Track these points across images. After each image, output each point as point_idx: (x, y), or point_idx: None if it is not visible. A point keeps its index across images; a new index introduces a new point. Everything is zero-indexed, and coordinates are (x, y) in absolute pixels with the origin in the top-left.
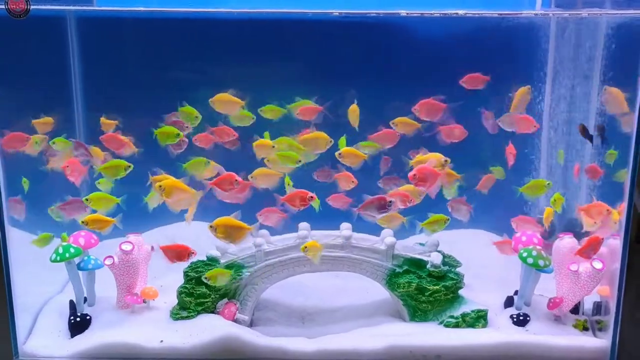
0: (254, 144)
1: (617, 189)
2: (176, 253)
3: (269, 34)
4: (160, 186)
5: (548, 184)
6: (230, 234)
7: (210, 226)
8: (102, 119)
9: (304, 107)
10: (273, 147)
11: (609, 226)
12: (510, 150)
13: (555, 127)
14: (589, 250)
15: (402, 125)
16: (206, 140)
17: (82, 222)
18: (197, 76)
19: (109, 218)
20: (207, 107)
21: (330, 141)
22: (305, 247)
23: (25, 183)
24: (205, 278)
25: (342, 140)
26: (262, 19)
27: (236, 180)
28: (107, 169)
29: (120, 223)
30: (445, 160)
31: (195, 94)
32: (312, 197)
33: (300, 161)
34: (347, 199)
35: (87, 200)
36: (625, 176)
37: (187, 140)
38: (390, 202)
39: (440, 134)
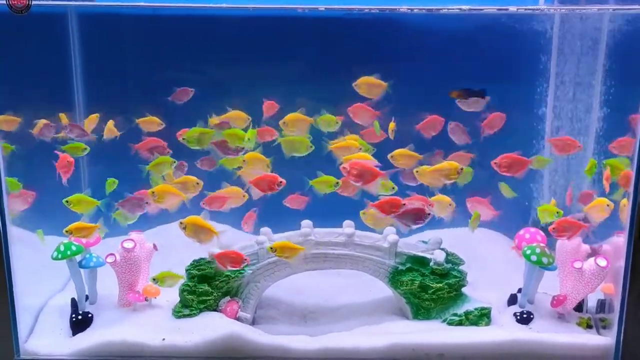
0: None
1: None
2: (230, 259)
3: (274, 31)
4: (152, 192)
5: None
6: (198, 234)
7: (181, 222)
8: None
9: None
10: (244, 161)
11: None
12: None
13: (558, 127)
14: (565, 230)
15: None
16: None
17: (66, 231)
18: (199, 73)
19: (91, 224)
20: (207, 106)
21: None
22: (272, 248)
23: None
24: (154, 280)
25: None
26: (266, 16)
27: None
28: (154, 166)
29: (103, 227)
30: (462, 169)
31: (197, 91)
32: (281, 182)
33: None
34: (303, 197)
35: (67, 202)
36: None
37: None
38: (429, 214)
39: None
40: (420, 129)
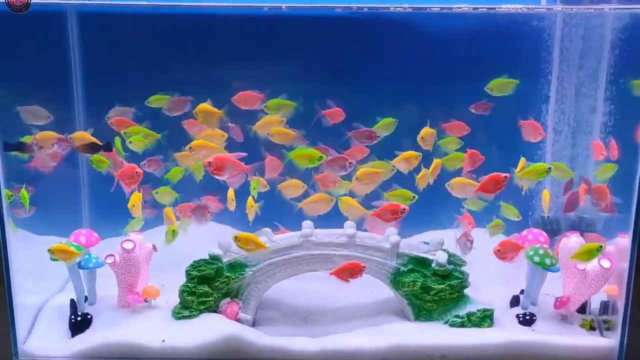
0: None
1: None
2: (349, 272)
3: (276, 30)
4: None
5: (549, 168)
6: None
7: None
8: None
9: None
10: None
11: None
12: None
13: (560, 126)
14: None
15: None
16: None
17: (48, 250)
18: (199, 72)
19: (73, 250)
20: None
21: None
22: (236, 237)
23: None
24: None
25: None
26: (268, 15)
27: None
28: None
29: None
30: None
31: (197, 90)
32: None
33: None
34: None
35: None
36: None
37: None
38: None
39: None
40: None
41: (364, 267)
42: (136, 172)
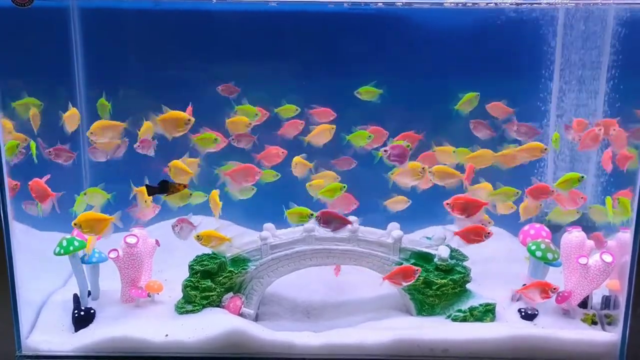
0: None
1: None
2: (402, 275)
3: (280, 27)
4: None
5: (581, 177)
6: (93, 227)
7: (74, 224)
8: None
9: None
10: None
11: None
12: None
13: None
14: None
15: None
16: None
17: (74, 223)
18: (202, 69)
19: (105, 215)
20: (209, 103)
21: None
22: (198, 236)
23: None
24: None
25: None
26: (271, 11)
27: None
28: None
29: (119, 221)
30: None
31: (199, 87)
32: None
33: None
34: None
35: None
36: None
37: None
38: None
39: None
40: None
41: (417, 270)
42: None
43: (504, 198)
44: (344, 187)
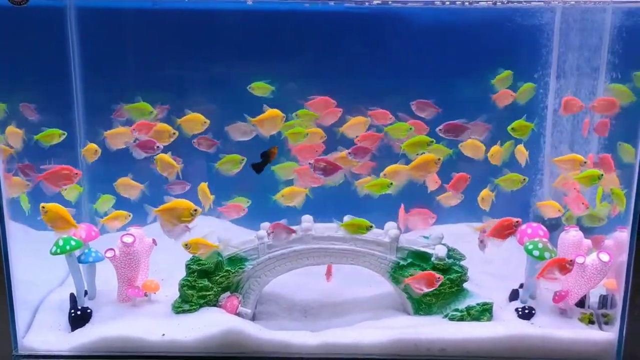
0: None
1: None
2: (425, 281)
3: (278, 27)
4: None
5: (524, 179)
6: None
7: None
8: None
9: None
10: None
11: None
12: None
13: (560, 122)
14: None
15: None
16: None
17: (42, 206)
18: (200, 69)
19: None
20: (210, 103)
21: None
22: (186, 245)
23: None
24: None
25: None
26: (272, 10)
27: None
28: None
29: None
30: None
31: (197, 88)
32: None
33: None
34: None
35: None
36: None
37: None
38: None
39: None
40: None
41: (439, 278)
42: (75, 174)
43: (511, 185)
44: (392, 183)
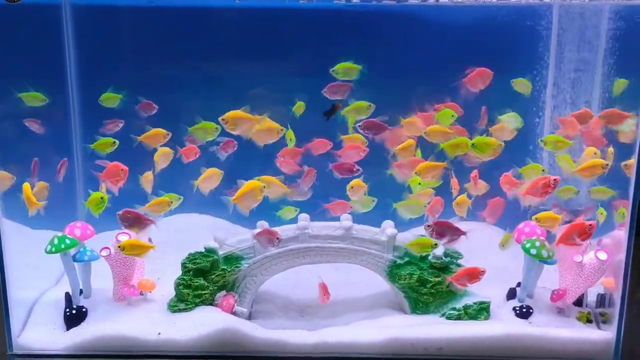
0: None
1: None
2: (468, 276)
3: (277, 25)
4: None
5: (543, 170)
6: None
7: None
8: None
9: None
10: None
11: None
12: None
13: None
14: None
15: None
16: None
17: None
18: (197, 67)
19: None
20: (206, 102)
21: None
22: (121, 247)
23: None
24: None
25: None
26: (268, 8)
27: None
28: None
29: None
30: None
31: (194, 86)
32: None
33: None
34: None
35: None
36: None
37: None
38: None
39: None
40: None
41: (483, 271)
42: (121, 170)
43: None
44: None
